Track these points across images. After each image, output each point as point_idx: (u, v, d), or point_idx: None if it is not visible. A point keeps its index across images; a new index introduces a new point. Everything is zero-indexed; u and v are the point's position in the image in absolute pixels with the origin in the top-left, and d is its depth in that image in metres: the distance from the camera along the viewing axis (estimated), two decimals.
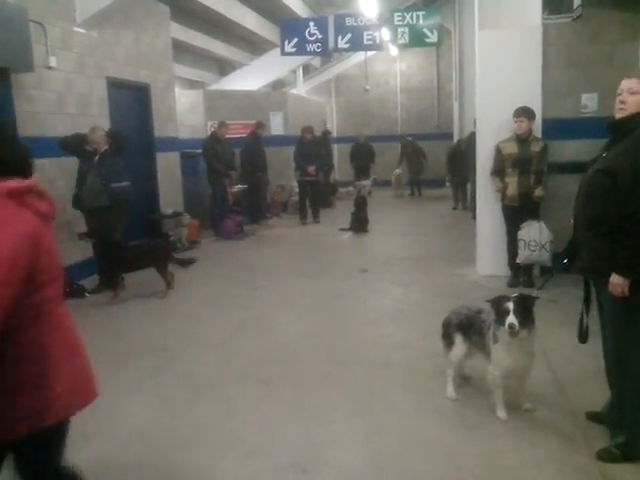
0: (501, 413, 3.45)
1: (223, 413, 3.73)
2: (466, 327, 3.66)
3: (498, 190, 6.22)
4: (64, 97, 7.08)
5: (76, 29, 7.30)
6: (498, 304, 3.33)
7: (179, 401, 3.92)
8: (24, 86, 6.34)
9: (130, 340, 5.20)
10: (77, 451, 3.31)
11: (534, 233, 5.96)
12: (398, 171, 16.39)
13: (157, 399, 3.96)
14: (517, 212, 6.10)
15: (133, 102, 8.95)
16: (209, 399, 3.94)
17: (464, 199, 12.84)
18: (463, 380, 3.97)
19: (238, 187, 11.15)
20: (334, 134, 17.80)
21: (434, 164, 16.32)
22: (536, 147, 5.98)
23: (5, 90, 6.07)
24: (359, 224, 10.37)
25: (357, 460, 3.13)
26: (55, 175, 6.72)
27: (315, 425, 3.51)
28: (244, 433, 3.46)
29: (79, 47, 7.37)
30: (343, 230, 10.38)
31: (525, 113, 5.95)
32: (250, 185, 11.59)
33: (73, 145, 6.53)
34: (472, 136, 11.27)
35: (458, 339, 3.68)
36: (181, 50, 13.86)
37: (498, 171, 6.19)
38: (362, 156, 16.05)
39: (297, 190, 12.29)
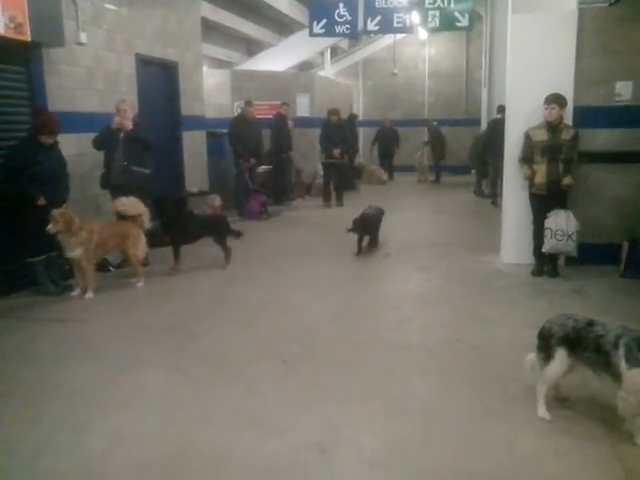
0: None
1: (243, 391, 3.76)
2: (574, 342, 3.16)
3: (526, 177, 6.12)
4: (93, 73, 7.12)
5: (107, 5, 7.32)
6: None
7: (199, 377, 3.96)
8: (55, 61, 6.38)
9: (152, 316, 5.27)
10: (96, 420, 3.41)
11: (561, 222, 5.87)
12: (419, 153, 16.24)
13: (177, 374, 4.00)
14: (544, 200, 6.00)
15: (161, 80, 8.96)
16: (229, 376, 3.97)
17: (479, 185, 12.82)
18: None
19: (263, 168, 11.15)
20: (360, 117, 17.68)
21: (461, 150, 16.14)
22: (567, 135, 5.86)
23: (37, 64, 6.12)
24: None
25: (375, 442, 3.13)
26: (84, 150, 6.76)
27: (334, 406, 3.53)
28: (263, 411, 3.49)
29: (109, 23, 7.39)
30: None
31: (556, 100, 5.83)
32: (274, 166, 11.60)
33: (101, 140, 6.59)
34: (494, 123, 11.19)
35: (561, 354, 3.19)
36: (210, 29, 13.81)
37: (527, 158, 6.09)
38: (387, 141, 15.98)
39: (321, 172, 12.26)
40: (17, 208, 5.61)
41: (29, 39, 5.59)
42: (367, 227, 7.39)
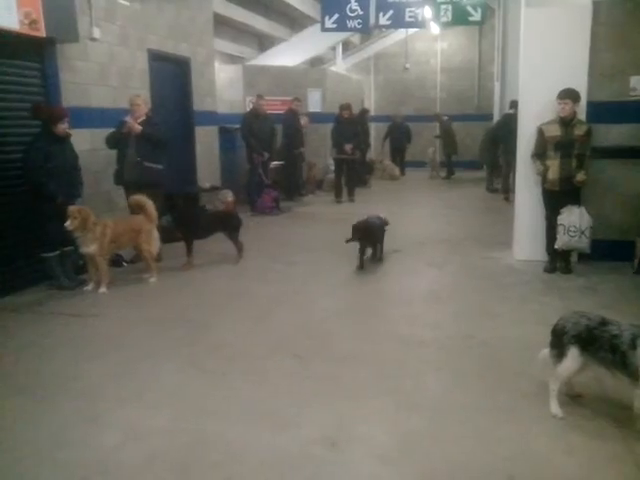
0: None
1: (255, 384, 3.79)
2: (586, 341, 3.15)
3: (539, 173, 6.09)
4: (107, 69, 7.16)
5: (120, 1, 7.35)
6: None
7: (212, 371, 3.99)
8: (69, 57, 6.43)
9: (165, 310, 5.31)
10: (110, 413, 3.45)
11: (574, 218, 5.84)
12: (432, 149, 16.19)
13: (191, 368, 4.04)
14: (557, 196, 5.97)
15: (173, 75, 9.00)
16: (242, 370, 4.00)
17: (490, 181, 12.75)
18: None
19: (274, 164, 11.17)
20: (372, 112, 17.64)
21: (473, 146, 16.07)
22: (580, 130, 5.82)
23: (51, 60, 6.16)
24: None
25: (387, 437, 3.15)
26: (97, 146, 6.80)
27: (346, 401, 3.54)
28: (275, 405, 3.52)
29: (122, 19, 7.43)
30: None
31: (570, 95, 5.79)
32: (286, 161, 11.62)
33: (114, 139, 6.63)
34: (506, 118, 11.13)
35: (573, 353, 3.19)
36: (222, 24, 13.83)
37: (539, 154, 6.05)
38: (398, 136, 15.94)
39: (333, 168, 12.26)
40: (32, 203, 5.67)
41: (43, 35, 5.63)
42: (369, 236, 6.47)
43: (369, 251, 6.71)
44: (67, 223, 5.46)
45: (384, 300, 5.57)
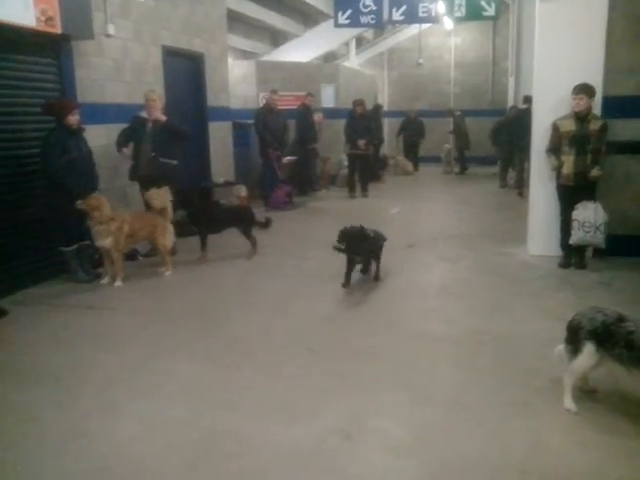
0: None
1: (270, 377, 3.82)
2: (602, 337, 3.12)
3: (554, 168, 6.06)
4: (121, 65, 7.21)
5: None
6: None
7: (227, 364, 4.03)
8: (84, 53, 6.48)
9: (180, 304, 5.36)
10: (126, 405, 3.49)
11: (589, 214, 5.80)
12: (447, 146, 16.13)
13: (206, 361, 4.08)
14: (572, 192, 5.94)
15: (187, 71, 9.03)
16: (257, 363, 4.03)
17: (503, 176, 12.65)
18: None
19: (287, 159, 11.20)
20: (385, 108, 17.60)
21: (487, 141, 15.98)
22: (595, 125, 5.78)
23: (67, 57, 6.22)
24: None
25: (401, 431, 3.16)
26: (112, 141, 6.85)
27: (360, 394, 3.56)
28: (289, 398, 3.54)
29: (136, 15, 7.47)
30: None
31: (585, 90, 5.75)
32: (300, 157, 11.64)
33: (127, 136, 6.71)
34: (520, 112, 11.07)
35: (589, 349, 3.15)
36: (235, 20, 13.85)
37: (554, 149, 6.02)
38: (412, 131, 15.90)
39: (346, 163, 12.27)
40: (49, 197, 5.73)
41: (59, 32, 5.68)
42: (358, 247, 5.46)
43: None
44: (78, 201, 5.55)
45: (398, 295, 5.57)
